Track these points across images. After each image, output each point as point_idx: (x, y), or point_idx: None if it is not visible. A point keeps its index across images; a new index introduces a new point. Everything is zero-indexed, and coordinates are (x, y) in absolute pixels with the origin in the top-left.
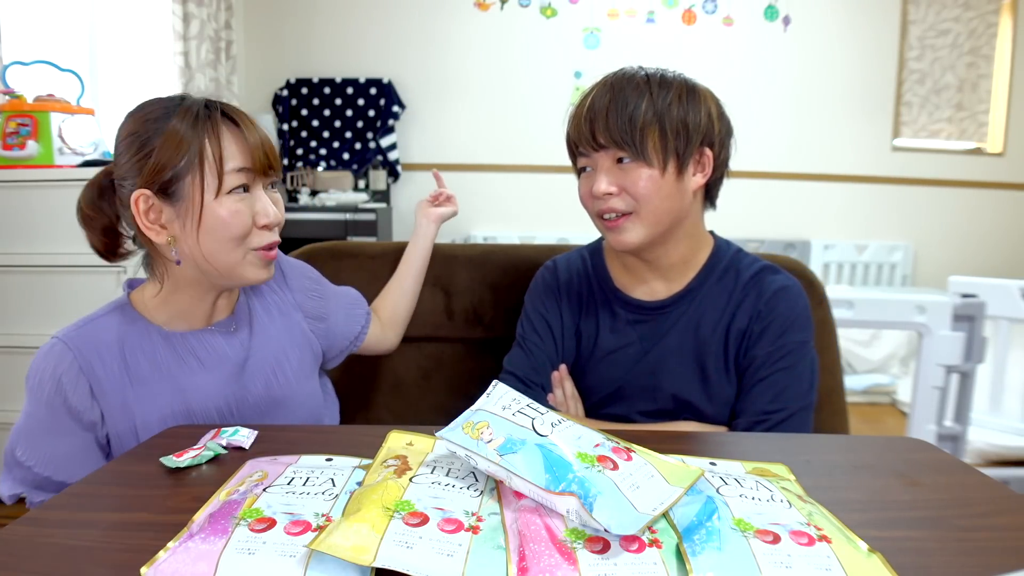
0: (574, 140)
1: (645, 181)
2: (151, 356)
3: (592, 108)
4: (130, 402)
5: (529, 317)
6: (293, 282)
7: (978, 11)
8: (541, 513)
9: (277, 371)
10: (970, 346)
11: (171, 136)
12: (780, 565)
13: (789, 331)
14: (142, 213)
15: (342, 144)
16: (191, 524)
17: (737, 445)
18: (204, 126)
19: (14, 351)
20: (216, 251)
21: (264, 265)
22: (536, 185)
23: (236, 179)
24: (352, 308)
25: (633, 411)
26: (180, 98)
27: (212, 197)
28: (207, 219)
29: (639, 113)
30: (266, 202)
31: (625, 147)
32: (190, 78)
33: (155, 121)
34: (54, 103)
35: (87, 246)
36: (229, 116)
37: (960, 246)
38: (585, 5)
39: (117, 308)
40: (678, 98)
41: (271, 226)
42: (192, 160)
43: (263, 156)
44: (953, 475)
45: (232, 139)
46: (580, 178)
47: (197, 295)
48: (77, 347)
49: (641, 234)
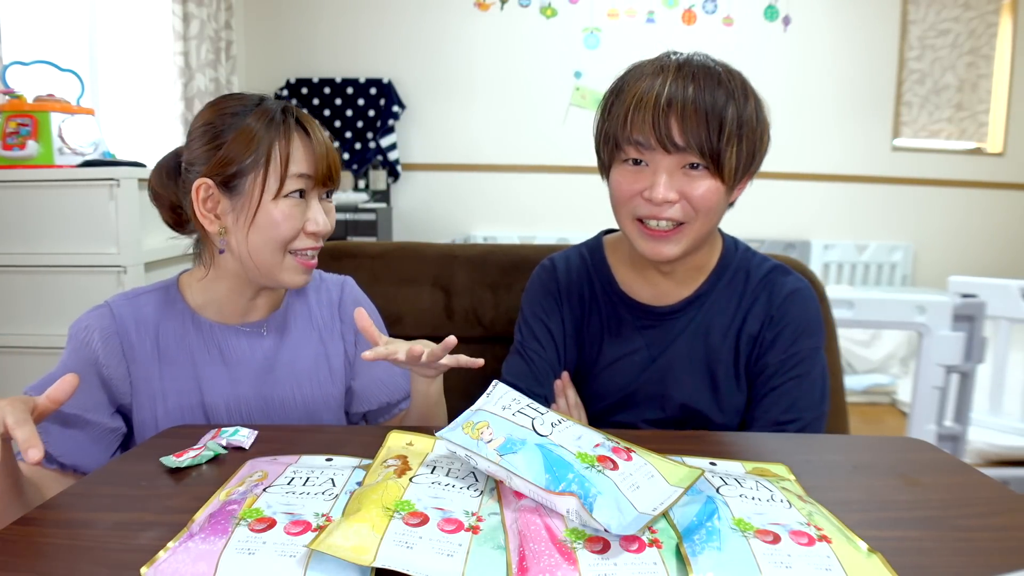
0: (634, 129)
1: (711, 193)
2: (180, 338)
3: (671, 100)
4: (154, 377)
5: (528, 322)
6: (345, 311)
7: (978, 11)
8: (541, 513)
9: (296, 392)
10: (970, 346)
11: (244, 133)
12: (780, 565)
13: (802, 337)
14: (201, 200)
15: (342, 144)
16: (191, 524)
17: (737, 445)
18: (278, 129)
19: (14, 351)
20: (261, 249)
21: (302, 271)
22: (536, 185)
23: (296, 183)
24: (397, 377)
25: (640, 420)
26: (260, 98)
27: (271, 197)
28: (261, 217)
29: (726, 119)
30: (318, 211)
31: (705, 155)
32: (190, 78)
33: (232, 116)
34: (54, 103)
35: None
36: (302, 124)
37: (960, 246)
38: (585, 5)
39: (163, 287)
40: (754, 110)
41: (318, 235)
42: (259, 159)
43: (326, 167)
44: (953, 475)
45: (300, 145)
46: (619, 169)
47: (236, 288)
48: (120, 315)
49: (683, 248)
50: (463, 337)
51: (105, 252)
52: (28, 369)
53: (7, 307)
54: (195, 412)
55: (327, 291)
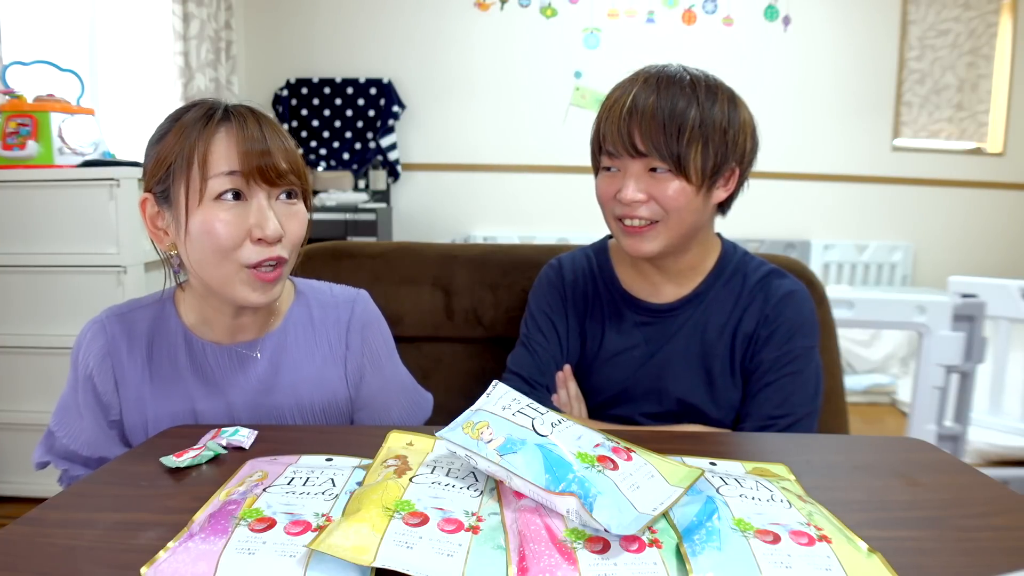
0: (606, 139)
1: (677, 194)
2: (172, 356)
3: (634, 108)
4: (145, 397)
5: (534, 316)
6: (353, 336)
7: (978, 11)
8: (541, 513)
9: (297, 415)
10: (970, 346)
11: (175, 133)
12: (780, 565)
13: (796, 336)
14: (149, 217)
15: (342, 144)
16: (191, 524)
17: (737, 445)
18: (203, 126)
19: (14, 351)
20: (203, 262)
21: (258, 287)
22: (536, 185)
23: (222, 184)
24: (412, 407)
25: (637, 413)
26: (213, 100)
27: (196, 203)
28: (192, 226)
29: (686, 124)
30: (264, 214)
31: (666, 159)
32: (190, 78)
33: (172, 120)
34: (54, 103)
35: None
36: (233, 118)
37: (960, 246)
38: (585, 5)
39: (159, 301)
40: (723, 112)
41: (268, 241)
42: (182, 160)
43: (260, 162)
44: (953, 475)
45: (226, 140)
46: (600, 175)
47: (215, 306)
48: (112, 333)
49: (661, 244)
50: (463, 337)
51: (105, 252)
52: (28, 369)
53: (7, 307)
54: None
55: (335, 308)
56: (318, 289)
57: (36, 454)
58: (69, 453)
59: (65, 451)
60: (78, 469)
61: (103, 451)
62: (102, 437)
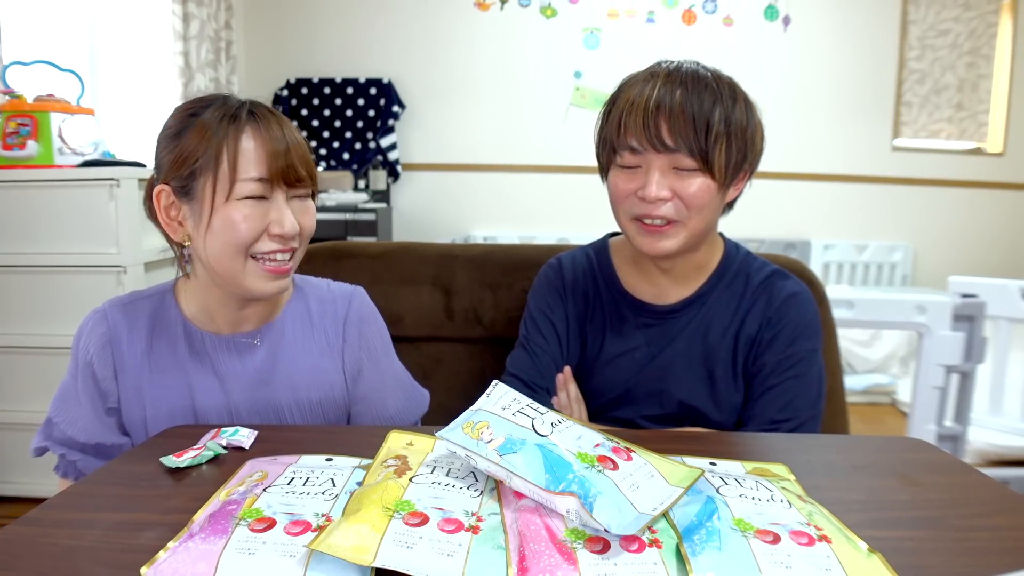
0: (628, 133)
1: (701, 191)
2: (172, 347)
3: (661, 102)
4: (144, 386)
5: (533, 317)
6: (350, 330)
7: (978, 11)
8: (541, 513)
9: (293, 404)
10: (970, 346)
11: (197, 131)
12: (780, 565)
13: (800, 339)
14: (163, 208)
15: (342, 144)
16: (191, 524)
17: (737, 445)
18: (229, 126)
19: (14, 351)
20: (220, 254)
21: (269, 278)
22: (536, 185)
23: (249, 188)
24: (408, 402)
25: (638, 416)
26: (225, 96)
27: (223, 200)
28: (216, 221)
29: (713, 121)
30: (284, 212)
31: (694, 155)
32: (190, 78)
33: (190, 116)
34: (54, 103)
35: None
36: (258, 120)
37: (960, 246)
38: (585, 5)
39: (161, 293)
40: (743, 112)
41: (284, 237)
42: (209, 159)
43: (285, 166)
44: (953, 475)
45: (253, 145)
46: (615, 172)
47: (219, 298)
48: (113, 321)
49: (680, 243)
50: (463, 337)
51: (105, 252)
52: (28, 369)
53: (7, 307)
54: (186, 418)
55: (332, 303)
56: (315, 285)
57: (34, 441)
58: (67, 439)
59: (63, 437)
60: (75, 455)
61: (100, 437)
62: (99, 424)
